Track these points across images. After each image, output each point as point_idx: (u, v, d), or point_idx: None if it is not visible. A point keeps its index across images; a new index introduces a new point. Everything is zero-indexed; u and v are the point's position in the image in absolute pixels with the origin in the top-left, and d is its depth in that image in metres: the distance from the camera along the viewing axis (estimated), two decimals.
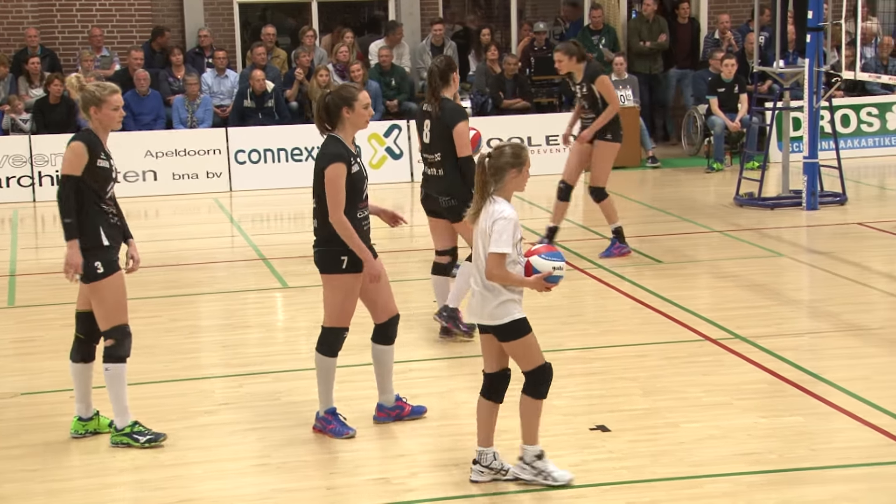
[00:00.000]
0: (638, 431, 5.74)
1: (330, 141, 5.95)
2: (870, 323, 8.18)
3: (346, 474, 5.75)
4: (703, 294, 9.73)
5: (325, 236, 6.00)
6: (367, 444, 6.13)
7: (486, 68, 16.36)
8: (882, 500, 5.03)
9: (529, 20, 19.01)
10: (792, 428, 6.06)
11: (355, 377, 6.82)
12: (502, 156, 5.33)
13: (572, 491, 5.39)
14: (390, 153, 16.33)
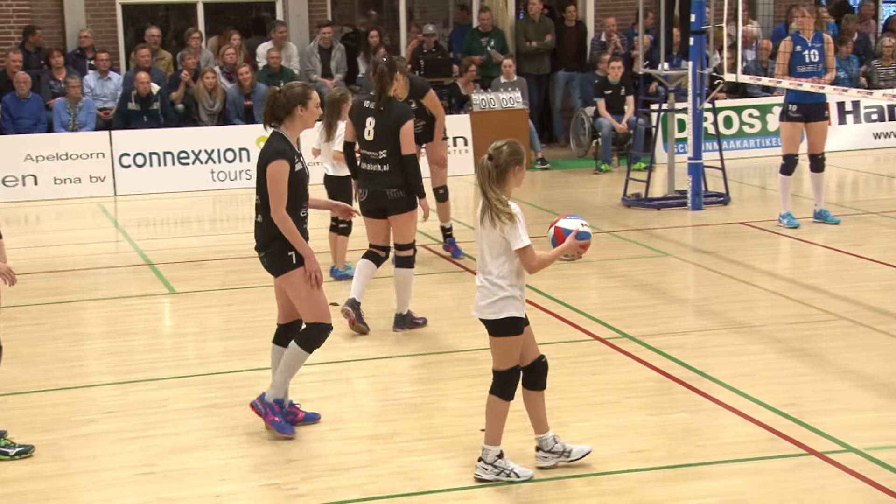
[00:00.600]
0: (529, 432, 5.72)
1: (275, 137, 5.95)
2: (753, 320, 8.33)
3: (235, 481, 5.63)
4: (591, 294, 9.79)
5: (268, 236, 6.01)
6: (259, 449, 6.03)
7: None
8: (766, 493, 5.13)
9: (418, 22, 19.08)
10: (679, 425, 6.12)
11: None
12: (502, 154, 5.39)
13: (462, 492, 5.43)
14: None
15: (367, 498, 5.13)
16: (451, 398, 6.86)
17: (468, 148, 16.64)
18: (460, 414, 6.45)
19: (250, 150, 16.28)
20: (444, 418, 6.38)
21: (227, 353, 7.75)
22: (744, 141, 17.72)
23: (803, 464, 5.50)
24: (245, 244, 12.45)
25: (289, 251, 5.88)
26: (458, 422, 6.29)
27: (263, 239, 6.04)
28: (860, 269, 9.78)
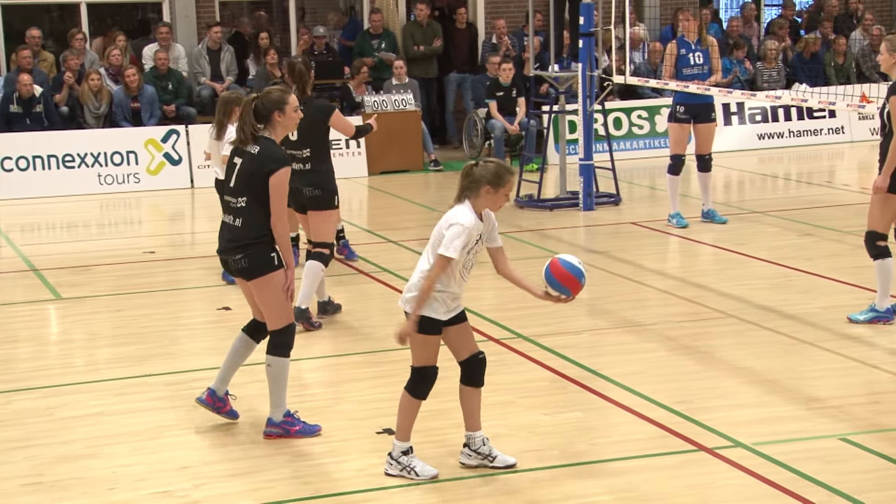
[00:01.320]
0: (425, 433, 5.77)
1: (268, 143, 5.89)
2: (644, 319, 8.44)
3: (125, 489, 5.55)
4: (486, 295, 9.83)
5: (249, 238, 5.92)
6: (150, 456, 5.94)
7: (266, 72, 16.34)
8: (657, 489, 5.21)
9: (308, 24, 19.03)
10: (572, 423, 6.17)
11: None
12: (484, 170, 5.41)
13: (357, 495, 5.43)
14: (168, 159, 16.09)
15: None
16: (346, 401, 6.85)
17: (360, 150, 16.62)
18: (355, 417, 6.45)
19: (138, 153, 16.15)
20: (339, 421, 6.39)
21: (117, 360, 7.62)
22: (633, 142, 18.02)
23: (693, 460, 5.58)
24: (134, 248, 12.30)
25: (271, 253, 5.87)
26: (353, 425, 6.29)
27: (242, 241, 5.95)
28: (747, 268, 10.08)
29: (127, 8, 19.67)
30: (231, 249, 5.88)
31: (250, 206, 5.89)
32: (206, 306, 9.05)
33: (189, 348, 8.21)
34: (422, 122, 16.91)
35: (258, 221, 5.83)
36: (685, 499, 5.18)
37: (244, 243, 5.87)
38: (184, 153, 16.08)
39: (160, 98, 16.07)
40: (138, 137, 15.87)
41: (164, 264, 11.73)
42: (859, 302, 8.21)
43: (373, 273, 10.26)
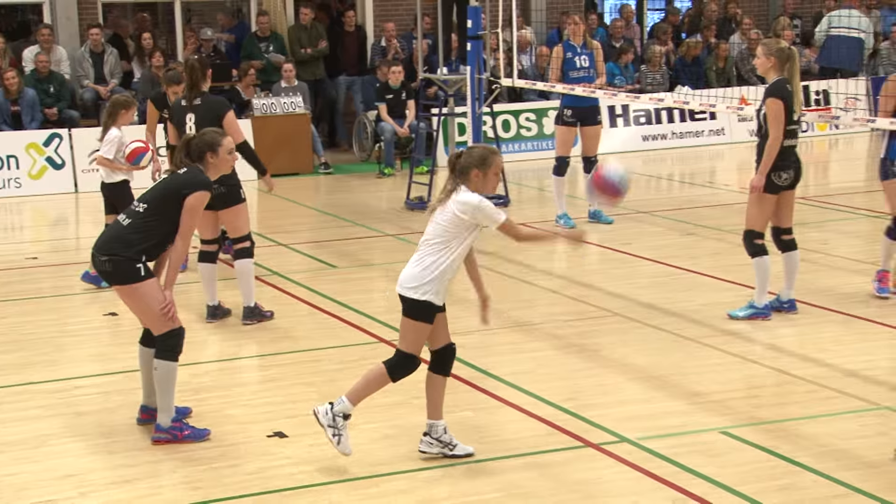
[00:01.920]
0: (317, 436, 5.80)
1: (196, 170, 6.01)
2: (533, 318, 8.59)
3: (9, 499, 5.52)
4: (377, 297, 10.07)
5: (123, 243, 5.89)
6: (32, 466, 5.87)
7: (152, 75, 16.08)
8: (545, 485, 5.33)
9: (195, 26, 18.85)
10: (463, 423, 6.27)
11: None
12: (469, 157, 5.67)
13: (247, 499, 5.46)
14: (51, 163, 15.94)
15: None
16: (235, 405, 6.88)
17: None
18: (245, 421, 6.48)
19: (19, 158, 15.94)
20: (229, 426, 6.42)
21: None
22: (521, 144, 18.31)
23: (580, 455, 5.73)
24: (17, 254, 12.11)
25: (137, 264, 5.80)
26: (244, 428, 6.31)
27: (116, 245, 5.88)
28: (632, 267, 10.37)
29: (6, 9, 19.48)
30: (103, 247, 5.88)
31: (147, 216, 5.91)
32: (93, 312, 8.98)
33: (73, 355, 8.13)
34: (311, 125, 16.93)
35: (146, 232, 5.84)
36: (573, 494, 5.27)
37: (116, 247, 5.89)
38: (67, 157, 15.90)
39: (42, 101, 15.85)
40: (19, 141, 15.68)
41: (48, 270, 11.65)
42: (739, 299, 8.53)
43: (263, 276, 10.25)
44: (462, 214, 5.63)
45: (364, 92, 17.96)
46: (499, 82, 13.74)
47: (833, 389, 6.89)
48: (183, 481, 5.56)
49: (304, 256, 11.60)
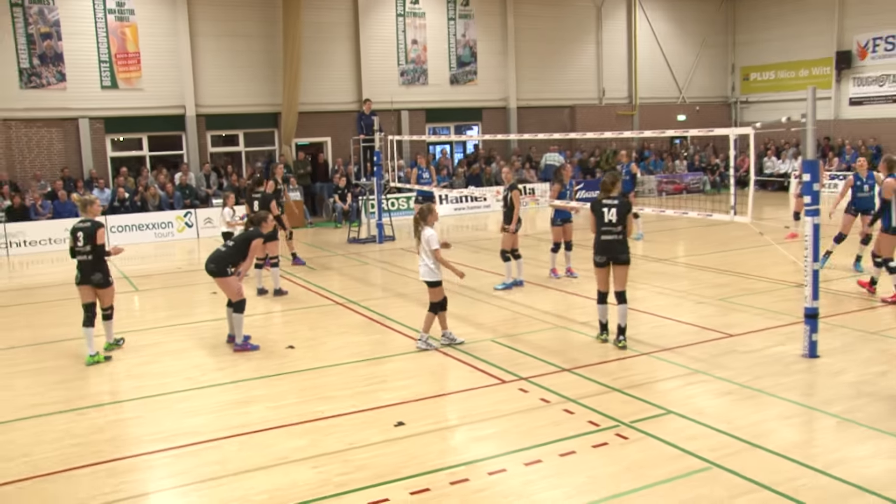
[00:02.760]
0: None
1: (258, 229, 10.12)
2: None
3: (174, 372, 8.12)
4: (337, 278, 14.46)
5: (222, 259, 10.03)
6: (175, 362, 9.27)
7: (232, 184, 22.84)
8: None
9: (252, 162, 25.08)
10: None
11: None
12: (428, 210, 9.47)
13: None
14: (187, 225, 22.05)
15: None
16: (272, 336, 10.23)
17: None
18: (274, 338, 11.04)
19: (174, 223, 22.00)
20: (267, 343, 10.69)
21: None
22: (399, 213, 24.32)
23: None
24: (171, 265, 17.08)
25: (229, 268, 9.98)
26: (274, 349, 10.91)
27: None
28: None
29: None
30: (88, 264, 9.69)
31: (231, 247, 9.91)
32: (204, 291, 11.73)
33: (202, 311, 10.89)
34: (303, 205, 23.31)
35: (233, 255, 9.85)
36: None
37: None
38: (193, 222, 22.00)
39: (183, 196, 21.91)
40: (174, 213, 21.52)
41: (187, 275, 15.55)
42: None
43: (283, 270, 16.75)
44: (427, 238, 9.00)
45: (328, 190, 25.10)
46: (389, 184, 20.18)
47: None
48: (250, 367, 9.59)
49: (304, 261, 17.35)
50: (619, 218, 10.01)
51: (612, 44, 33.88)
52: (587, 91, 33.44)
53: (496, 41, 31.02)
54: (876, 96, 31.68)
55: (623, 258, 10.08)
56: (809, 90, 9.24)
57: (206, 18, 25.62)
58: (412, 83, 29.23)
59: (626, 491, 6.29)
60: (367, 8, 28.37)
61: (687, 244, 18.86)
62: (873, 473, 6.53)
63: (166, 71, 25.18)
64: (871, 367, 9.24)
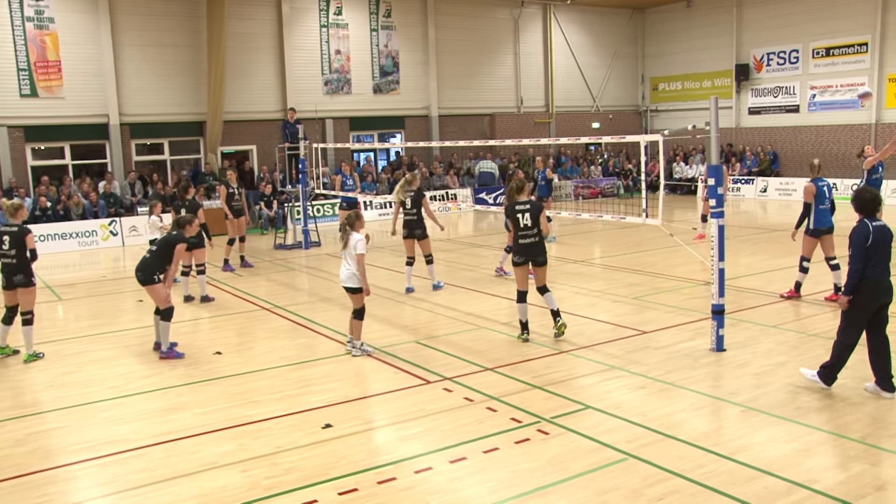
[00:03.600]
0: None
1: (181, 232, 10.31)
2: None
3: (80, 385, 7.78)
4: (259, 281, 15.70)
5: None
6: (102, 370, 9.00)
7: (157, 192, 22.59)
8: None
9: (177, 170, 25.17)
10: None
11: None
12: (356, 217, 9.37)
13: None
14: (112, 233, 21.91)
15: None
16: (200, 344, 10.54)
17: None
18: (201, 346, 11.27)
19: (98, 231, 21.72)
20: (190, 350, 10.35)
21: None
22: (325, 219, 24.42)
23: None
24: (96, 274, 16.81)
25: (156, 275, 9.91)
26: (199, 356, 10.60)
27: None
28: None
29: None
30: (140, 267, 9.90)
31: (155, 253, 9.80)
32: (132, 299, 12.17)
33: (131, 319, 10.64)
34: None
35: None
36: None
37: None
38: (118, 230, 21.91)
39: (108, 205, 21.54)
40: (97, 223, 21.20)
41: (113, 282, 15.81)
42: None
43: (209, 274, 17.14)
44: (354, 242, 8.97)
45: (254, 197, 24.85)
46: (314, 191, 20.40)
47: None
48: (176, 374, 9.53)
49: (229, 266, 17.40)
50: (533, 221, 10.15)
51: (529, 55, 34.38)
52: (506, 100, 33.85)
53: (418, 52, 31.24)
54: (771, 106, 32.85)
55: (541, 260, 10.23)
56: (712, 100, 9.58)
57: (129, 28, 25.27)
58: (336, 92, 29.24)
59: (547, 484, 6.37)
60: (291, 19, 28.32)
61: (602, 246, 19.06)
62: (772, 456, 6.76)
63: (89, 79, 24.71)
64: (771, 358, 9.54)
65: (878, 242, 7.74)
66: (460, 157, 31.73)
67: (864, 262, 7.66)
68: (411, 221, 13.54)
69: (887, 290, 7.79)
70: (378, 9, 29.91)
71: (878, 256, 7.73)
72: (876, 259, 7.71)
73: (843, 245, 8.36)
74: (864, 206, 7.83)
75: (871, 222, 7.79)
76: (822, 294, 12.87)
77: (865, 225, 7.76)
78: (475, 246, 19.79)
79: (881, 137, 29.48)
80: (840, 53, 30.79)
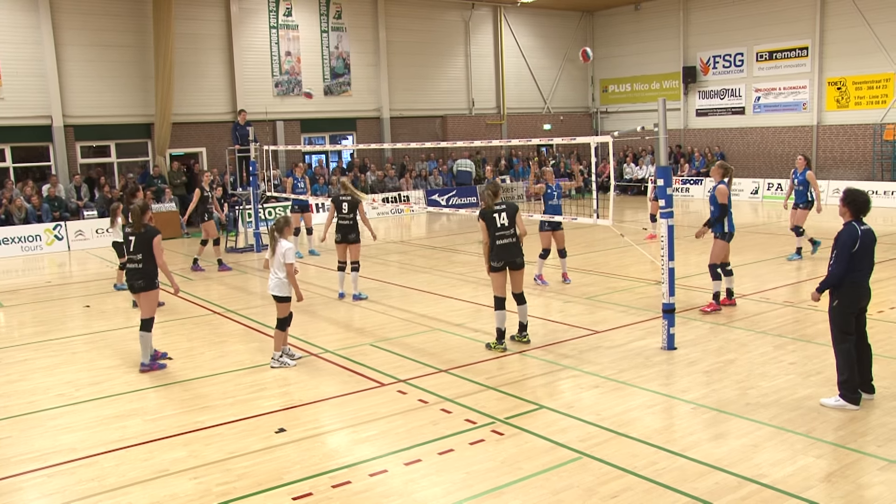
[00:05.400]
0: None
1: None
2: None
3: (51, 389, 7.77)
4: (213, 287, 15.42)
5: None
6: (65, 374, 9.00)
7: (104, 196, 22.50)
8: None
9: (125, 173, 24.77)
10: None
11: None
12: (285, 222, 9.28)
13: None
14: (57, 237, 21.59)
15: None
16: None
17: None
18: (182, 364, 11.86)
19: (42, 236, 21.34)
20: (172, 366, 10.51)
21: None
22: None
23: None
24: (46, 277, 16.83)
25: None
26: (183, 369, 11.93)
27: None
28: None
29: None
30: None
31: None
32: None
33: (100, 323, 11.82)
34: (179, 215, 23.18)
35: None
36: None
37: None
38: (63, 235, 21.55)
39: (52, 208, 21.37)
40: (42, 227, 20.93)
41: (66, 287, 16.02)
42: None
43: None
44: (284, 251, 8.96)
45: (200, 202, 24.55)
46: (265, 194, 20.66)
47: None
48: (126, 380, 9.45)
49: (180, 271, 17.47)
50: (510, 220, 10.04)
51: (480, 56, 34.61)
52: (457, 101, 34.05)
53: (369, 53, 31.28)
54: (718, 108, 33.62)
55: (519, 261, 10.11)
56: (660, 102, 9.72)
57: (72, 27, 24.88)
58: (287, 94, 29.19)
59: (502, 484, 6.41)
60: (240, 20, 28.18)
61: (554, 246, 19.70)
62: (722, 452, 6.90)
63: (29, 80, 24.26)
64: (721, 356, 9.74)
65: (865, 247, 7.67)
66: (412, 160, 31.86)
67: (847, 267, 7.60)
68: (346, 226, 13.43)
69: (867, 294, 7.79)
70: (328, 10, 29.85)
71: (864, 261, 7.68)
72: (861, 264, 7.67)
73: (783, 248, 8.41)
74: (861, 209, 7.70)
75: (860, 226, 7.71)
76: (768, 292, 13.04)
77: (854, 229, 7.67)
78: (428, 248, 19.87)
79: (822, 139, 30.46)
80: (782, 57, 31.63)
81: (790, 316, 11.64)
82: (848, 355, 7.87)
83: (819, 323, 11.10)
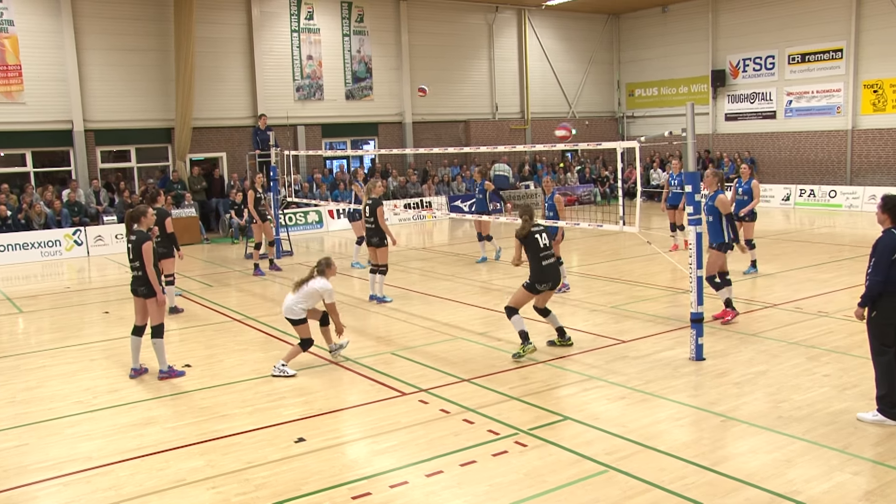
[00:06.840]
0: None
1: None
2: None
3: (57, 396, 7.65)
4: (231, 294, 15.63)
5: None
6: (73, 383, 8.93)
7: (123, 200, 22.74)
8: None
9: (144, 178, 24.71)
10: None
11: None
12: (326, 264, 9.67)
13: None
14: (76, 243, 21.83)
15: None
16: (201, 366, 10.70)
17: None
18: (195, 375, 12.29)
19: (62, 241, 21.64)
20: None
21: None
22: (302, 227, 24.74)
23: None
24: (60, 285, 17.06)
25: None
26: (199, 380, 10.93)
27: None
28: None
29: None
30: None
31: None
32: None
33: (114, 330, 10.65)
34: (198, 221, 23.28)
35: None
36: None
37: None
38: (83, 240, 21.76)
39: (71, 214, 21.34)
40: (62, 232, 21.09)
41: (78, 293, 16.16)
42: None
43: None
44: (325, 291, 9.33)
45: (223, 205, 25.08)
46: (287, 199, 20.61)
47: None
48: (144, 388, 9.75)
49: (200, 277, 17.60)
50: (550, 241, 10.25)
51: (504, 60, 34.57)
52: (481, 106, 34.03)
53: (391, 57, 31.33)
54: (748, 112, 33.39)
55: (557, 281, 10.26)
56: (688, 106, 9.66)
57: (94, 32, 25.09)
58: (308, 98, 29.24)
59: (526, 497, 6.37)
60: (261, 24, 28.32)
61: (580, 254, 19.16)
62: (754, 467, 6.80)
63: (51, 84, 24.48)
64: (752, 367, 9.64)
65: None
66: (434, 165, 31.88)
67: (888, 275, 7.34)
68: (369, 230, 13.78)
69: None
70: (350, 14, 29.96)
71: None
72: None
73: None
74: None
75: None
76: (801, 302, 12.98)
77: (894, 235, 7.40)
78: (450, 255, 19.90)
79: (857, 144, 30.13)
80: (815, 59, 31.33)
81: (824, 326, 11.53)
82: (887, 368, 7.70)
83: (856, 334, 10.94)
